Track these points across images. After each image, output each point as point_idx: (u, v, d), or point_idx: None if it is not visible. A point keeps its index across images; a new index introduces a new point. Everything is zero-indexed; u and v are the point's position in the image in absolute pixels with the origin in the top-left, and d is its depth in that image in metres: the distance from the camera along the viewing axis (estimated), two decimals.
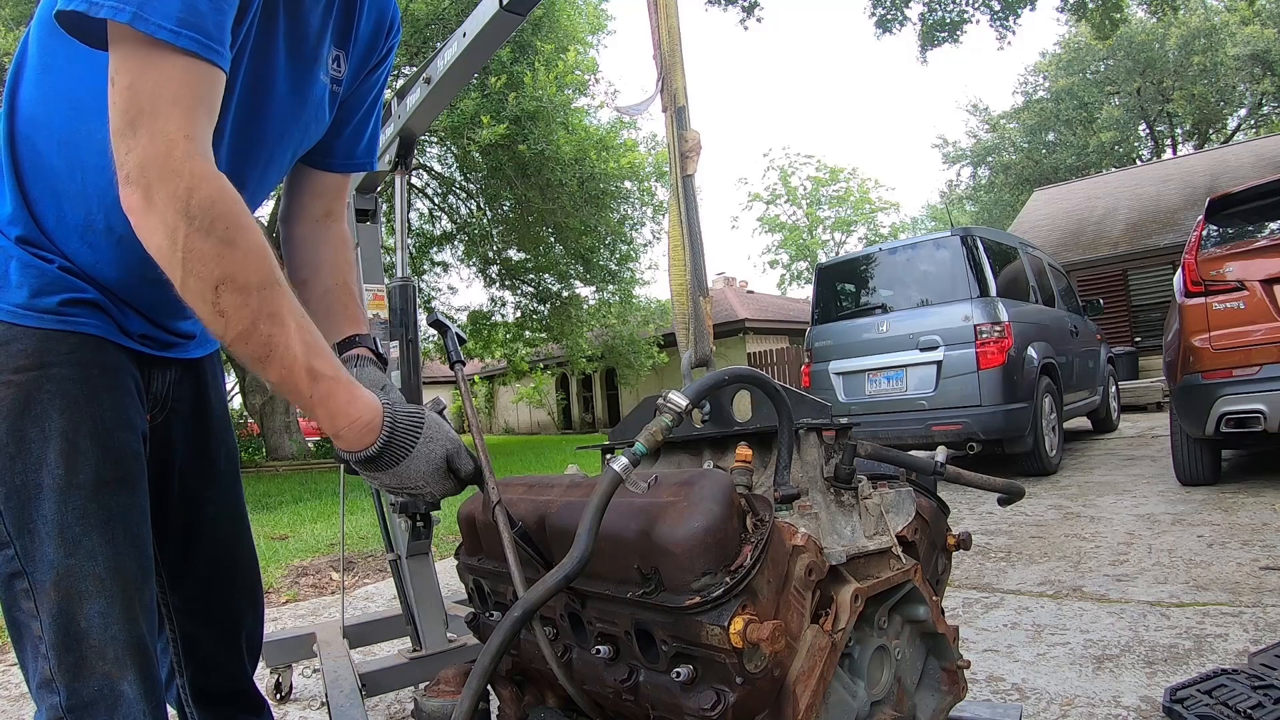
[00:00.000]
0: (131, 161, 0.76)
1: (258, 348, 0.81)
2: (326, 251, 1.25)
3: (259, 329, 0.80)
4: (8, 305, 0.93)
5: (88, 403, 0.95)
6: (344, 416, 0.87)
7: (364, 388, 0.91)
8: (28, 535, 0.91)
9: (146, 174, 0.76)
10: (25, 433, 0.91)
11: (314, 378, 0.84)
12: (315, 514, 6.33)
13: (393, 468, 0.91)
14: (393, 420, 0.91)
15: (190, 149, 0.78)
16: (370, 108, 1.27)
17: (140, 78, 0.77)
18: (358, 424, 0.88)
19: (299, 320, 0.84)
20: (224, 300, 0.78)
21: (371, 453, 0.89)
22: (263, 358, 0.81)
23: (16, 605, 0.92)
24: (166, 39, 0.76)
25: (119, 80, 0.77)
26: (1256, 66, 23.32)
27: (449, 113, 9.82)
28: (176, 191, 0.76)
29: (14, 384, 0.91)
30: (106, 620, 0.92)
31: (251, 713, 1.31)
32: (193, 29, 0.78)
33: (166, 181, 0.76)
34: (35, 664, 0.92)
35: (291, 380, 0.83)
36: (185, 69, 0.78)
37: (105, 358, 0.98)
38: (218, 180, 0.79)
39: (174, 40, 0.76)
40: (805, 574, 0.86)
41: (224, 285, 0.78)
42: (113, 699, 0.91)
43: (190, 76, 0.79)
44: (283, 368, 0.82)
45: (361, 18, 1.14)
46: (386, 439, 0.90)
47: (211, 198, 0.78)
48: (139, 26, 0.75)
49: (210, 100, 0.82)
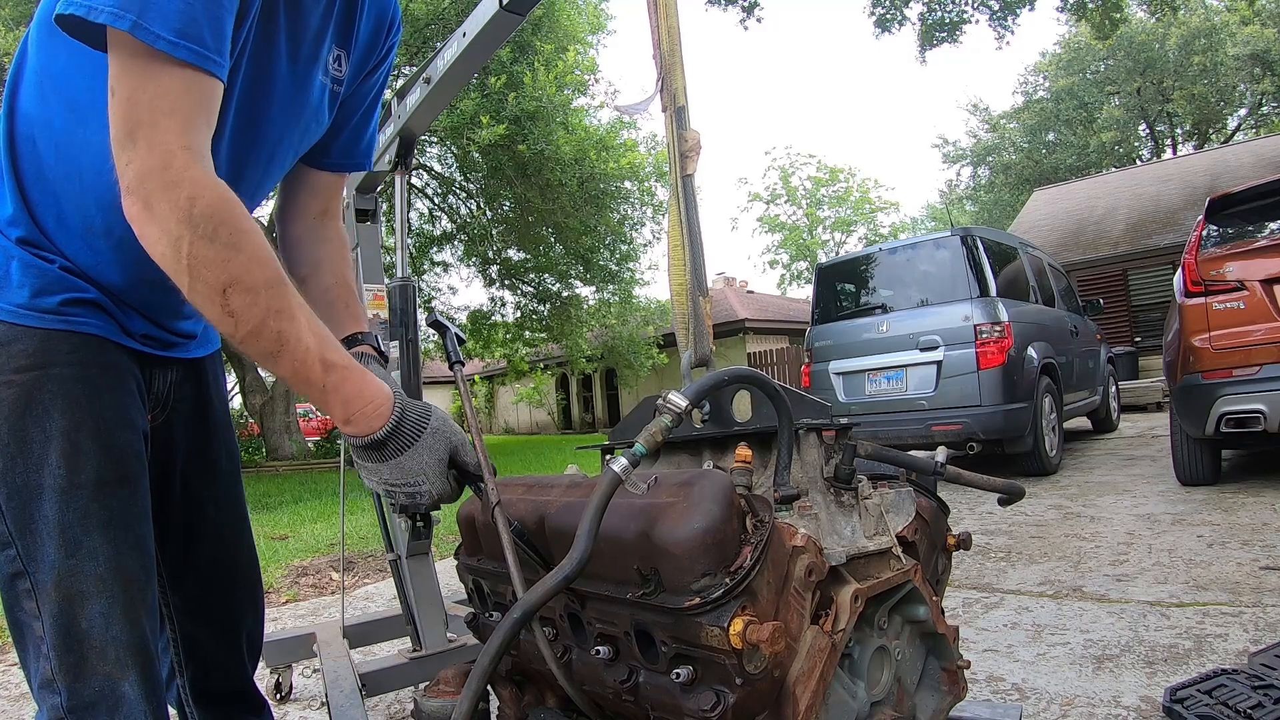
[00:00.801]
0: (131, 173, 0.77)
1: (269, 343, 0.82)
2: (324, 250, 1.25)
3: (269, 325, 0.81)
4: (9, 305, 0.93)
5: (89, 402, 0.95)
6: (358, 399, 0.89)
7: (374, 374, 0.93)
8: (29, 535, 0.91)
9: (146, 185, 0.77)
10: (27, 433, 0.91)
11: (327, 367, 0.86)
12: (315, 514, 6.33)
13: (397, 456, 0.92)
14: (402, 406, 0.93)
15: (189, 159, 0.78)
16: (370, 108, 1.27)
17: (139, 89, 0.77)
18: (369, 407, 0.90)
19: (307, 314, 0.86)
20: (233, 302, 0.79)
21: (379, 436, 0.90)
22: (275, 352, 0.83)
23: (18, 605, 0.92)
24: (165, 50, 0.77)
25: (118, 91, 0.78)
26: (1256, 66, 23.32)
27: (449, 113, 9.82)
28: (178, 201, 0.77)
29: (15, 384, 0.92)
30: (108, 620, 0.92)
31: (252, 713, 1.31)
32: (191, 40, 0.78)
33: (167, 192, 0.77)
34: (37, 664, 0.92)
35: (305, 372, 0.85)
36: (184, 80, 0.79)
37: (106, 358, 0.98)
38: (218, 187, 0.80)
39: (172, 51, 0.77)
40: (805, 575, 0.86)
41: (232, 288, 0.79)
42: (114, 699, 0.92)
43: (188, 87, 0.79)
44: (295, 360, 0.84)
45: (362, 17, 1.14)
46: (396, 423, 0.91)
47: (213, 205, 0.78)
48: (138, 35, 0.76)
49: (208, 110, 0.83)
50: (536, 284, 15.36)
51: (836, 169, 36.78)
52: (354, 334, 1.19)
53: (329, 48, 1.10)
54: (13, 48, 7.12)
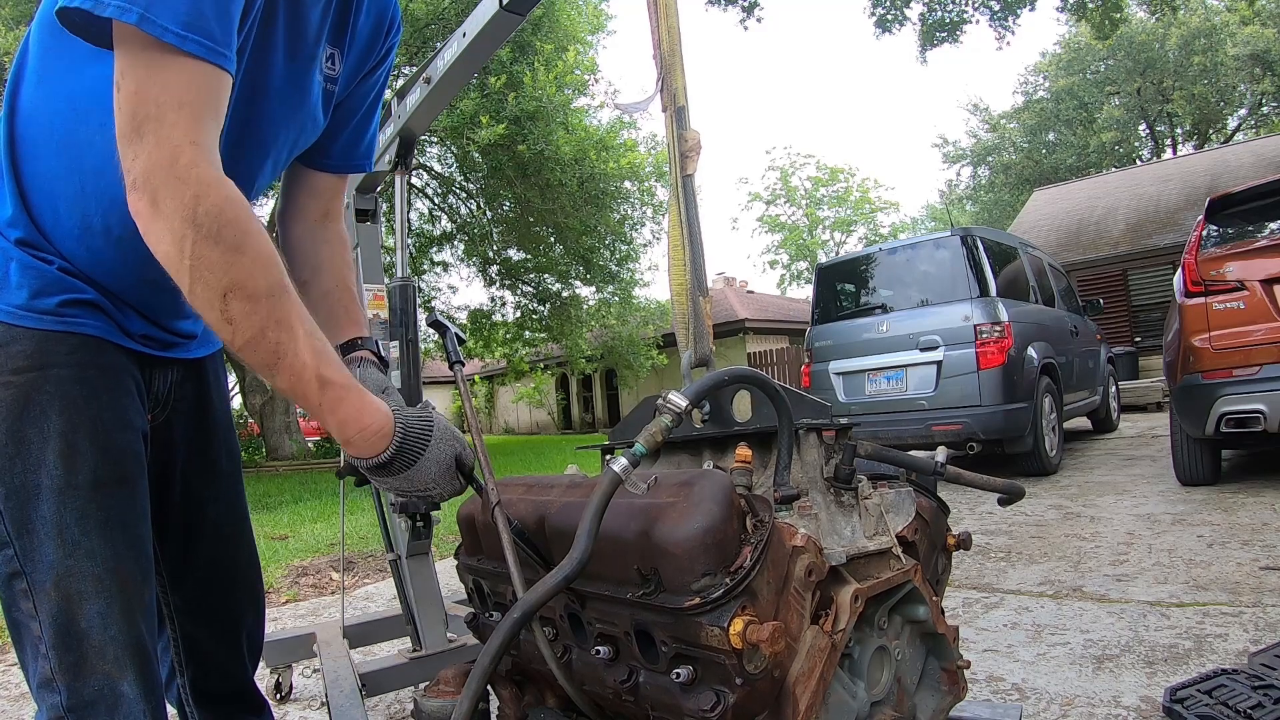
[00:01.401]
0: (138, 168, 0.76)
1: (266, 355, 0.81)
2: (325, 252, 1.25)
3: (267, 336, 0.80)
4: (7, 306, 0.93)
5: (87, 403, 0.95)
6: (354, 424, 0.88)
7: (373, 395, 0.91)
8: (27, 535, 0.91)
9: (152, 180, 0.76)
10: (24, 433, 0.91)
11: (323, 385, 0.84)
12: (315, 514, 6.33)
13: (404, 472, 0.92)
14: (404, 426, 0.92)
15: (197, 155, 0.77)
16: (370, 109, 1.26)
17: (146, 82, 0.76)
18: (368, 431, 0.88)
19: (307, 327, 0.84)
20: (232, 308, 0.78)
21: (384, 459, 0.90)
22: (271, 364, 0.82)
23: (16, 605, 0.93)
24: (173, 42, 0.76)
25: (124, 84, 0.77)
26: (1256, 66, 23.31)
27: (449, 113, 9.82)
28: (184, 199, 0.76)
29: (13, 385, 0.91)
30: (106, 620, 0.92)
31: (252, 713, 1.31)
32: (199, 32, 0.77)
33: (173, 189, 0.76)
34: (36, 664, 0.92)
35: (301, 387, 0.83)
36: (192, 73, 0.78)
37: (105, 358, 0.98)
38: (224, 187, 0.79)
39: (180, 44, 0.76)
40: (805, 575, 0.86)
41: (232, 293, 0.78)
42: (113, 699, 0.92)
43: (197, 81, 0.78)
44: (292, 375, 0.83)
45: (360, 15, 1.13)
46: (399, 445, 0.90)
47: (219, 205, 0.77)
48: (145, 29, 0.74)
49: (217, 105, 0.82)
50: (536, 284, 15.36)
51: (836, 169, 36.79)
52: (353, 339, 1.19)
53: (324, 47, 1.09)
54: (13, 47, 7.12)
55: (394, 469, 0.91)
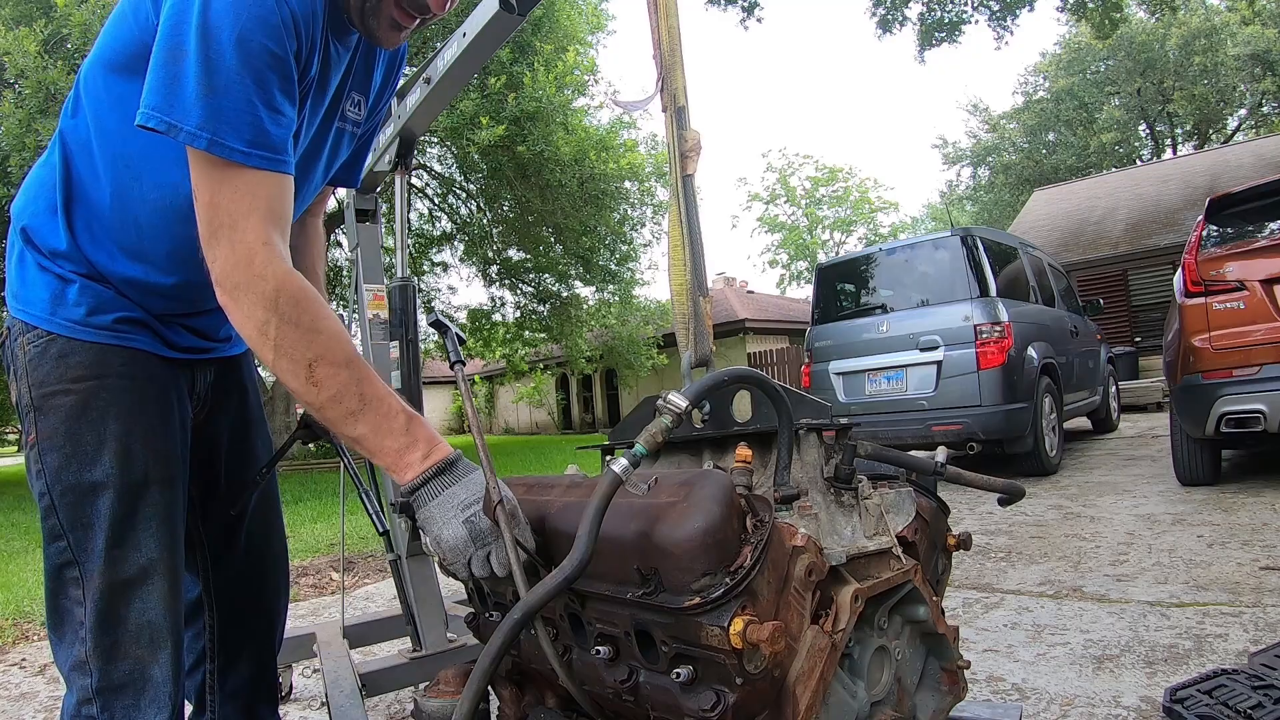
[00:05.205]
0: (218, 268, 0.87)
1: (353, 403, 0.89)
2: (301, 241, 1.35)
3: (351, 390, 0.89)
4: (67, 320, 1.03)
5: (139, 410, 1.06)
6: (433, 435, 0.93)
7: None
8: (80, 529, 1.01)
9: (232, 278, 0.87)
10: (82, 436, 1.02)
11: (409, 417, 0.92)
12: (315, 514, 6.33)
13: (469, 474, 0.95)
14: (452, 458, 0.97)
15: (269, 254, 0.88)
16: (372, 134, 1.37)
17: (218, 194, 0.87)
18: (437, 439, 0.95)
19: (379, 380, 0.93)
20: (318, 373, 0.88)
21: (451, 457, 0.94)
22: (356, 411, 0.89)
23: (65, 593, 1.02)
24: (239, 160, 0.87)
25: (200, 196, 0.88)
26: (1256, 66, 23.32)
27: (449, 113, 9.81)
28: (264, 293, 0.86)
29: (73, 392, 1.02)
30: (145, 607, 1.02)
31: (269, 703, 1.39)
32: (261, 148, 0.88)
33: (252, 286, 0.87)
34: (72, 649, 1.01)
35: (388, 424, 0.90)
36: (258, 182, 0.89)
37: (153, 370, 1.10)
38: (295, 277, 0.90)
39: (246, 161, 0.87)
40: (805, 574, 0.86)
41: (317, 363, 0.88)
42: (142, 681, 1.01)
43: (262, 189, 0.89)
44: (379, 415, 0.90)
45: (379, 62, 1.24)
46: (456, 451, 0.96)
47: (295, 296, 0.88)
48: (215, 152, 0.85)
49: (282, 204, 0.92)
50: (536, 284, 15.34)
51: (835, 168, 36.77)
52: None
53: (348, 95, 1.18)
54: (13, 47, 7.09)
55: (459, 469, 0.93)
